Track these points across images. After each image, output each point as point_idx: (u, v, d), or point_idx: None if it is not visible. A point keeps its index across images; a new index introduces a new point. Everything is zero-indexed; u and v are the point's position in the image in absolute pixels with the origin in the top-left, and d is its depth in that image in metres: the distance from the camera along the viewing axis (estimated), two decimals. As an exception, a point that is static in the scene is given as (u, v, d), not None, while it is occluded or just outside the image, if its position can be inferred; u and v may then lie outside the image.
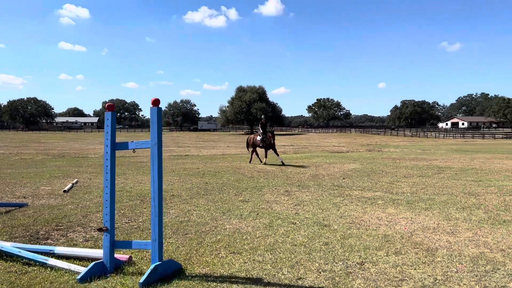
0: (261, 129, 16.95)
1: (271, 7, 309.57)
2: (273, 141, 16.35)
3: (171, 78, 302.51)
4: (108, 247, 4.20)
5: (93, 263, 4.11)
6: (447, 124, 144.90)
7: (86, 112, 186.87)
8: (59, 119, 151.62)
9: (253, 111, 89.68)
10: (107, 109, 4.41)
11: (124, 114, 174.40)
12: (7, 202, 8.05)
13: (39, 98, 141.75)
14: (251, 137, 17.83)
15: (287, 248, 5.06)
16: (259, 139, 16.83)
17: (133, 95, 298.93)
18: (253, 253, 4.88)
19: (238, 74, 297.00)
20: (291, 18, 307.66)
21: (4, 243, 4.80)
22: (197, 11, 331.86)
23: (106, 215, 4.29)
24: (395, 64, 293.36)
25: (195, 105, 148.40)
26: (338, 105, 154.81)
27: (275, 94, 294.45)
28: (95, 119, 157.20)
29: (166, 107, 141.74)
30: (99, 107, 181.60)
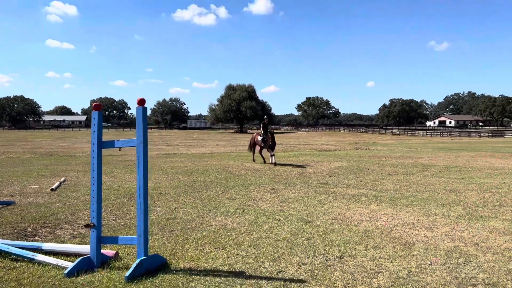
0: (262, 129, 16.64)
1: (260, 6, 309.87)
2: (272, 142, 16.05)
3: (160, 76, 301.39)
4: (95, 242, 4.32)
5: (80, 258, 4.23)
6: (434, 123, 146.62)
7: (74, 111, 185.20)
8: (46, 118, 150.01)
9: (243, 110, 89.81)
10: (94, 108, 4.52)
11: (112, 112, 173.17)
12: (-6, 201, 8.08)
13: (26, 96, 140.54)
14: (253, 136, 17.58)
15: (270, 243, 5.23)
16: (260, 139, 16.61)
17: (121, 93, 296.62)
18: (237, 248, 5.03)
19: (228, 72, 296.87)
20: (281, 17, 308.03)
21: (-8, 240, 4.88)
22: (186, 9, 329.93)
23: (93, 212, 4.41)
24: (384, 63, 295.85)
25: (184, 104, 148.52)
26: (327, 103, 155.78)
27: (265, 92, 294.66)
28: (83, 118, 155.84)
29: (155, 105, 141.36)
30: (87, 105, 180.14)
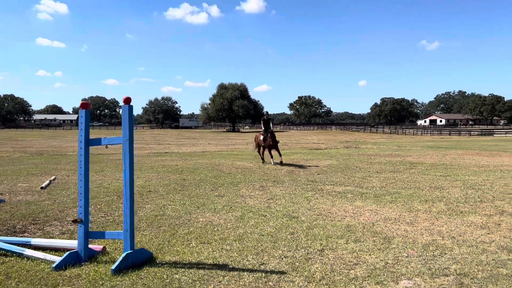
0: (262, 126, 15.91)
1: (253, 4, 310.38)
2: (273, 142, 15.27)
3: (152, 75, 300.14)
4: (82, 237, 4.44)
5: (67, 252, 4.35)
6: (425, 121, 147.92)
7: (65, 109, 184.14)
8: (37, 117, 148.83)
9: (235, 109, 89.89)
10: (81, 107, 4.64)
11: (104, 111, 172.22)
12: (-16, 199, 8.14)
13: (16, 95, 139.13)
14: (256, 136, 16.72)
15: (254, 238, 5.38)
16: (262, 138, 15.83)
17: (113, 92, 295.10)
18: (222, 243, 5.18)
19: (221, 71, 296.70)
20: (273, 16, 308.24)
21: (-19, 236, 4.98)
22: (178, 7, 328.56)
23: (81, 207, 4.53)
24: (376, 62, 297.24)
25: (176, 102, 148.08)
26: (319, 102, 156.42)
27: (258, 91, 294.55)
28: (74, 117, 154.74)
29: (147, 104, 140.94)
30: (78, 104, 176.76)
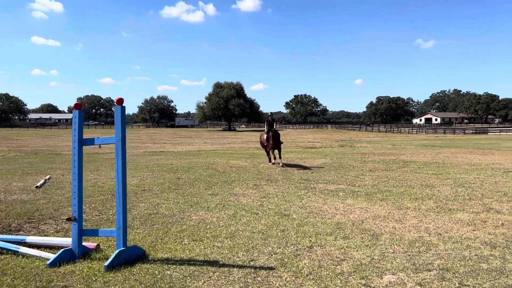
0: (266, 127, 15.45)
1: (249, 3, 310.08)
2: (274, 142, 14.67)
3: (148, 74, 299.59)
4: (76, 235, 4.54)
5: (62, 250, 4.45)
6: (421, 120, 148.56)
7: (60, 108, 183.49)
8: (32, 116, 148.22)
9: (231, 107, 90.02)
10: (74, 107, 4.74)
11: (99, 110, 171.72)
12: (-21, 198, 8.21)
13: (11, 94, 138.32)
14: (261, 135, 16.35)
15: (246, 235, 5.49)
16: (265, 137, 15.38)
17: (109, 91, 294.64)
18: (213, 240, 5.29)
19: (217, 70, 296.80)
20: (269, 14, 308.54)
21: (-23, 235, 5.06)
22: (174, 6, 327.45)
23: (74, 206, 4.63)
24: (372, 60, 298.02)
25: (172, 101, 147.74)
26: (315, 101, 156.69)
27: (254, 90, 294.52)
28: (69, 116, 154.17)
29: (143, 103, 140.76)
30: (74, 103, 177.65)
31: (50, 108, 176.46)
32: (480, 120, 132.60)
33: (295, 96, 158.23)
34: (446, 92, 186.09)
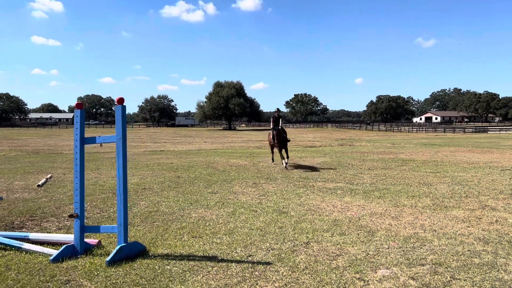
0: (272, 124, 14.49)
1: (249, 2, 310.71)
2: (279, 141, 13.99)
3: (148, 73, 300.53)
4: (78, 231, 4.65)
5: (64, 245, 4.56)
6: (421, 119, 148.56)
7: (61, 108, 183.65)
8: (32, 115, 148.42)
9: (231, 107, 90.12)
10: (76, 107, 4.85)
11: (100, 109, 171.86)
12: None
13: (11, 94, 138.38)
14: (268, 134, 15.51)
15: (244, 232, 5.61)
16: (271, 137, 14.62)
17: (109, 90, 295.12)
18: (212, 237, 5.41)
19: (217, 69, 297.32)
20: (269, 13, 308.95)
21: (-19, 232, 5.18)
22: (174, 5, 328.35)
23: (76, 203, 4.74)
24: (372, 59, 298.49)
25: (172, 101, 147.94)
26: (316, 100, 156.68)
27: (255, 89, 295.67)
28: (70, 115, 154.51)
29: (143, 102, 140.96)
30: (74, 102, 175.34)
31: (50, 108, 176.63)
32: (480, 119, 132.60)
33: (295, 95, 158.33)
34: (447, 91, 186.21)
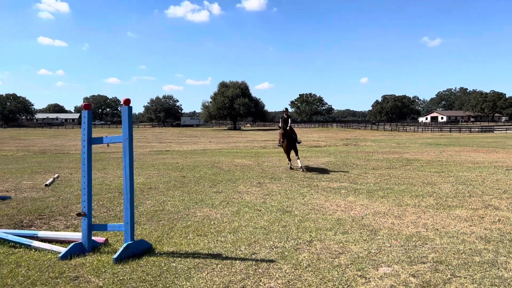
0: (280, 124, 13.94)
1: (254, 2, 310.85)
2: (287, 142, 13.42)
3: (153, 74, 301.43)
4: (86, 229, 4.76)
5: (72, 243, 4.67)
6: (427, 119, 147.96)
7: (67, 108, 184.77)
8: (39, 116, 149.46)
9: (236, 107, 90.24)
10: (84, 108, 4.97)
11: (105, 110, 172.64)
12: (-9, 196, 8.47)
13: (18, 94, 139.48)
14: (279, 134, 14.64)
15: (248, 231, 5.69)
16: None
17: (115, 90, 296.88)
18: (217, 235, 5.50)
19: (222, 69, 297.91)
20: (274, 13, 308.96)
21: (-9, 230, 5.30)
22: (179, 5, 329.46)
23: (84, 202, 4.85)
24: (378, 59, 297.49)
25: (177, 101, 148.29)
26: (321, 100, 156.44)
27: (260, 89, 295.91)
28: (76, 115, 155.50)
29: (149, 102, 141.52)
30: (80, 103, 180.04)
31: (57, 108, 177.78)
32: (486, 119, 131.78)
33: (300, 95, 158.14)
34: (452, 91, 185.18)
